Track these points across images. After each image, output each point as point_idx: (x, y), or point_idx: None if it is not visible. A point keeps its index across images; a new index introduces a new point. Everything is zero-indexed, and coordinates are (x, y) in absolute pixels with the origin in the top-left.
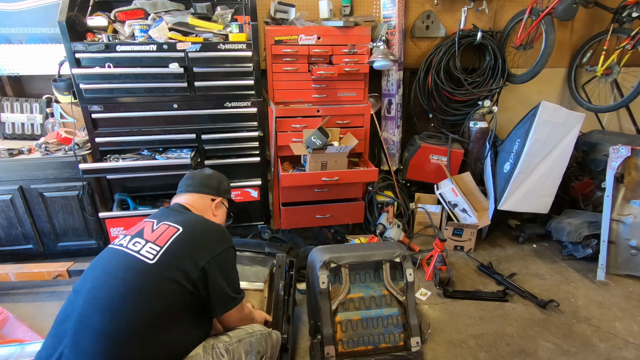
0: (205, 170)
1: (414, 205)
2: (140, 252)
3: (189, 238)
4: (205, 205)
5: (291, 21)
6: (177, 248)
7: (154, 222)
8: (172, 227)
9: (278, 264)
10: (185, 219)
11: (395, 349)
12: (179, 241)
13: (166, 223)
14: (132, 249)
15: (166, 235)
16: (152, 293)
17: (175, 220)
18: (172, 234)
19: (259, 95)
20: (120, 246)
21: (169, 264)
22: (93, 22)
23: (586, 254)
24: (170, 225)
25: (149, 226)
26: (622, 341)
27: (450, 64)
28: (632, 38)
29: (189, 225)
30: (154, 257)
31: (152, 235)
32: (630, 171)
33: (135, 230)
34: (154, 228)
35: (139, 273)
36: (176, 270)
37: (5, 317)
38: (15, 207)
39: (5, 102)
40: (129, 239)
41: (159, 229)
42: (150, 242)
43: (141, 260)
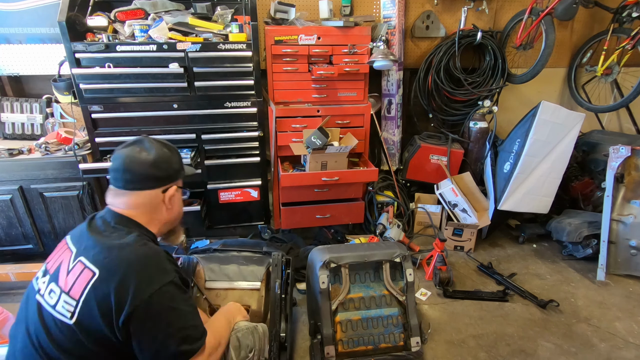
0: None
1: (414, 205)
2: (56, 307)
3: (105, 285)
4: (153, 204)
5: (291, 21)
6: (93, 302)
7: (72, 254)
8: (87, 271)
9: (274, 262)
10: (104, 254)
11: (395, 349)
12: (95, 292)
13: (82, 261)
14: (49, 303)
15: (81, 282)
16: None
17: (94, 257)
18: (87, 280)
19: (259, 95)
20: (39, 294)
21: (89, 324)
22: (93, 22)
23: (586, 254)
24: (86, 266)
25: (66, 262)
26: (622, 341)
27: (450, 64)
28: (632, 38)
29: (108, 266)
30: (71, 315)
31: (66, 281)
32: (630, 171)
33: (54, 265)
34: (69, 267)
35: (62, 335)
36: (98, 331)
37: (5, 317)
38: (15, 207)
39: (5, 102)
40: (47, 281)
41: (75, 269)
42: (65, 293)
43: (59, 321)
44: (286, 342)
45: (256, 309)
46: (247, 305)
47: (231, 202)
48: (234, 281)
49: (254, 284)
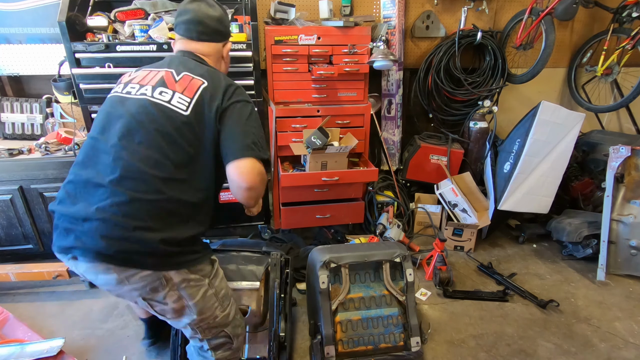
0: (212, 9)
1: (414, 205)
2: (171, 102)
3: (214, 90)
4: (217, 54)
5: (291, 21)
6: (205, 100)
7: (173, 71)
8: (197, 80)
9: (273, 262)
10: (207, 72)
11: (395, 349)
12: (207, 93)
13: (188, 74)
14: (161, 99)
15: (193, 86)
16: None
17: (200, 73)
18: (199, 85)
19: (259, 95)
20: (143, 95)
21: (201, 116)
22: (93, 22)
23: (586, 254)
24: (194, 77)
25: (169, 75)
26: (622, 341)
27: (450, 64)
28: (632, 38)
29: (213, 78)
30: (186, 108)
31: (177, 86)
32: (630, 171)
33: (153, 80)
34: (176, 78)
35: (175, 124)
36: (204, 124)
37: (5, 317)
38: (15, 207)
39: (5, 102)
40: (150, 88)
41: (183, 80)
42: (178, 93)
43: (175, 111)
44: (285, 342)
45: (255, 309)
46: (246, 305)
47: (231, 202)
48: (233, 281)
49: (253, 284)
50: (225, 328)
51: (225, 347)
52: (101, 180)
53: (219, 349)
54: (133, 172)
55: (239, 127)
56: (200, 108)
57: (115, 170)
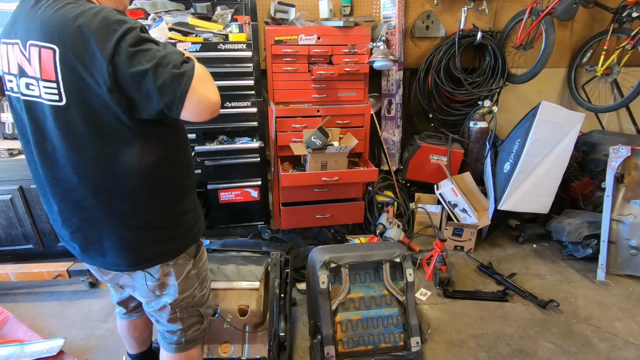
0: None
1: (414, 205)
2: (42, 97)
3: (72, 54)
4: None
5: (291, 21)
6: (70, 73)
7: (19, 44)
8: (45, 50)
9: (273, 262)
10: (54, 29)
11: (395, 349)
12: (66, 63)
13: (33, 44)
14: (34, 95)
15: (47, 63)
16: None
17: (42, 34)
18: (52, 58)
19: (259, 95)
20: (17, 94)
21: (78, 99)
22: None
23: (586, 254)
24: (41, 46)
25: (20, 55)
26: (622, 341)
27: (450, 64)
28: (632, 38)
29: (62, 37)
30: (59, 97)
31: (33, 69)
32: (630, 171)
33: (10, 67)
34: (26, 55)
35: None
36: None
37: (5, 317)
38: (15, 207)
39: (6, 102)
40: (15, 81)
41: (33, 57)
42: (41, 80)
43: (53, 106)
44: (285, 342)
45: (255, 309)
46: (246, 305)
47: (231, 202)
48: (233, 281)
49: (252, 284)
50: (200, 308)
51: (195, 327)
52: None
53: (189, 329)
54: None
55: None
56: (73, 82)
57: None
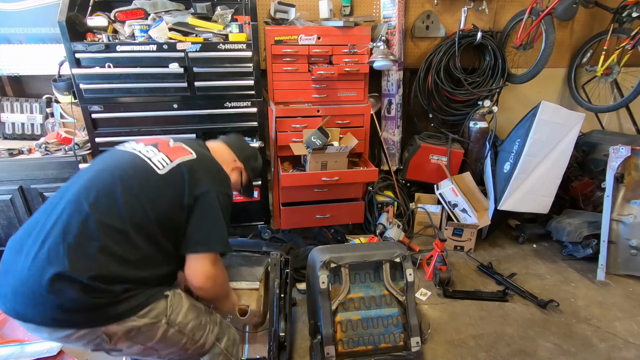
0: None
1: (414, 205)
2: (152, 160)
3: (198, 166)
4: (225, 159)
5: (291, 21)
6: (185, 170)
7: (170, 139)
8: (187, 150)
9: (273, 262)
10: (201, 151)
11: (395, 349)
12: (189, 165)
13: (183, 145)
14: (145, 155)
15: (179, 154)
16: (152, 201)
17: (193, 148)
18: (185, 155)
19: (259, 95)
20: (132, 149)
21: (173, 180)
22: (93, 22)
23: (586, 254)
24: (186, 148)
25: (165, 141)
26: (622, 341)
27: (450, 64)
28: (632, 38)
29: (202, 157)
30: (163, 168)
31: (166, 149)
32: (630, 171)
33: (149, 141)
34: (170, 144)
35: (146, 178)
36: (176, 190)
37: (5, 317)
38: (15, 207)
39: (5, 102)
40: (142, 146)
41: (174, 147)
42: (163, 154)
43: (151, 167)
44: (285, 342)
45: (255, 309)
46: (246, 305)
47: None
48: (233, 281)
49: (252, 284)
50: (203, 357)
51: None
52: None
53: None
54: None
55: (206, 219)
56: (177, 176)
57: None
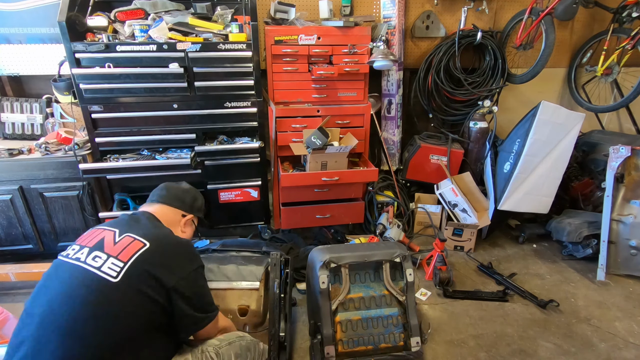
0: (182, 184)
1: (414, 205)
2: (102, 268)
3: (155, 256)
4: (174, 220)
5: (291, 21)
6: (142, 266)
7: (116, 231)
8: (138, 241)
9: (273, 262)
10: (152, 232)
11: (395, 349)
12: (144, 258)
13: (131, 235)
14: (92, 265)
15: (130, 249)
16: (116, 316)
17: (142, 233)
18: (138, 249)
19: (259, 95)
20: (76, 260)
21: (133, 283)
22: (93, 22)
23: (586, 254)
24: (136, 238)
25: (110, 236)
26: (622, 341)
27: (450, 64)
28: (632, 38)
29: (156, 240)
30: (117, 274)
31: (114, 249)
32: (630, 171)
33: (93, 241)
34: (116, 240)
35: (101, 294)
36: (140, 292)
37: (5, 317)
38: (15, 207)
39: (5, 102)
40: (86, 252)
41: (122, 241)
42: (112, 257)
43: (103, 279)
44: (285, 342)
45: (255, 309)
46: (246, 305)
47: (231, 202)
48: (233, 281)
49: (252, 284)
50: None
51: None
52: None
53: None
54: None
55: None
56: (135, 279)
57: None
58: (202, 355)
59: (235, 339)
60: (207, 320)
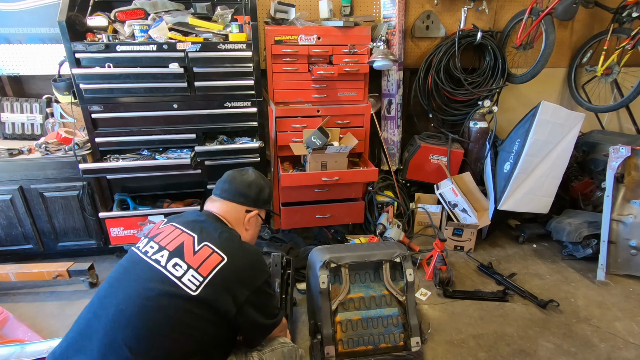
0: (247, 175)
1: (414, 205)
2: (182, 279)
3: (232, 271)
4: (238, 218)
5: (291, 21)
6: (220, 282)
7: (195, 237)
8: (216, 255)
9: (274, 262)
10: (228, 245)
11: (395, 349)
12: (223, 274)
13: (209, 246)
14: (173, 274)
15: (210, 263)
16: (190, 327)
17: (220, 245)
18: (216, 263)
19: (259, 95)
20: (156, 263)
21: (209, 298)
22: (93, 22)
23: (586, 254)
24: (215, 251)
25: (190, 243)
26: (622, 341)
27: (450, 64)
28: (632, 38)
29: (233, 255)
30: (196, 288)
31: (194, 259)
32: (630, 171)
33: (172, 244)
34: (195, 248)
35: (179, 305)
36: (215, 307)
37: (5, 317)
38: (15, 207)
39: (5, 102)
40: (167, 256)
41: (201, 252)
42: (193, 269)
43: (183, 291)
44: None
45: None
46: None
47: None
48: None
49: None
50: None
51: None
52: None
53: None
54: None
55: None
56: (212, 295)
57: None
58: (245, 359)
59: (277, 345)
60: (274, 325)
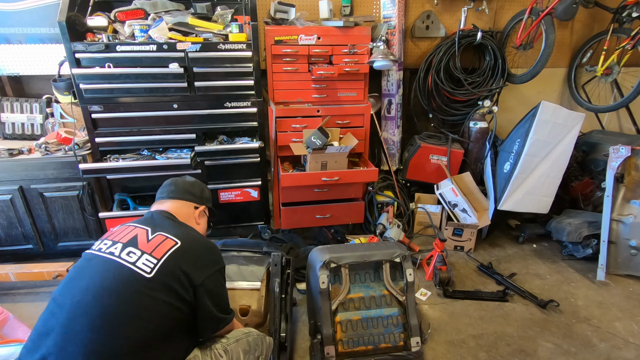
0: (187, 178)
1: (414, 205)
2: (136, 264)
3: (186, 254)
4: (188, 213)
5: (291, 21)
6: (174, 263)
7: (148, 229)
8: (170, 239)
9: (274, 262)
10: (181, 232)
11: (395, 349)
12: (177, 255)
13: (162, 234)
14: (127, 260)
15: (163, 247)
16: (148, 311)
17: (173, 232)
18: (170, 246)
19: (259, 95)
20: (111, 255)
21: (165, 279)
22: (93, 22)
23: (586, 254)
24: (168, 237)
25: (143, 234)
26: (622, 341)
27: (450, 64)
28: (632, 38)
29: (187, 239)
30: (151, 270)
31: (147, 246)
32: (630, 171)
33: (126, 237)
34: (149, 237)
35: (135, 288)
36: (171, 288)
37: (5, 317)
38: (15, 207)
39: (5, 102)
40: (120, 247)
41: (155, 239)
42: (147, 254)
43: (138, 274)
44: (286, 342)
45: (256, 309)
46: (247, 305)
47: (231, 202)
48: (234, 281)
49: (254, 284)
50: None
51: None
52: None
53: None
54: None
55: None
56: (167, 276)
57: None
58: (210, 352)
59: (242, 336)
60: (225, 321)
